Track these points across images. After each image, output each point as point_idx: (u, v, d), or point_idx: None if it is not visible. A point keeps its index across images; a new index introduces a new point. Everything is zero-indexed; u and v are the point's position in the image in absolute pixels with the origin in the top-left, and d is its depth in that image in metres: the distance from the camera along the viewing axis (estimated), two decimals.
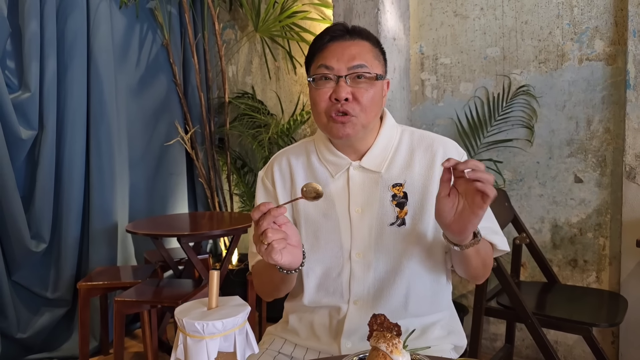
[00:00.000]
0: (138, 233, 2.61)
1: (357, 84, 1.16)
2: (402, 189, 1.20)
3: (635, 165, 2.25)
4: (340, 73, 1.16)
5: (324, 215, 1.24)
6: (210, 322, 0.72)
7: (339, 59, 1.16)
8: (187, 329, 0.72)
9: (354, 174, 1.23)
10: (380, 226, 1.20)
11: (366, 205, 1.21)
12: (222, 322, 0.72)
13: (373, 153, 1.23)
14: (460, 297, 2.85)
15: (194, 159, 3.60)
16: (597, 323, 1.94)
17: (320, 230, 1.24)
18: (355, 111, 1.16)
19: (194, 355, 0.72)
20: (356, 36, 1.20)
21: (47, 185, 2.91)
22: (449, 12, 2.73)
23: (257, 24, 3.39)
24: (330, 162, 1.26)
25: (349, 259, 1.22)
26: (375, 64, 1.19)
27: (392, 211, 1.20)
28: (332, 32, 1.20)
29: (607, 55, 2.34)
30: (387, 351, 0.82)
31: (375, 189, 1.21)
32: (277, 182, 1.30)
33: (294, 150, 1.33)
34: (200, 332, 0.72)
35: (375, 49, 1.21)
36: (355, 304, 1.22)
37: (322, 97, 1.17)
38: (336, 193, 1.24)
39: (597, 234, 2.44)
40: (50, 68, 2.88)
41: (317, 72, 1.18)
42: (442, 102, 2.80)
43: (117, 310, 2.39)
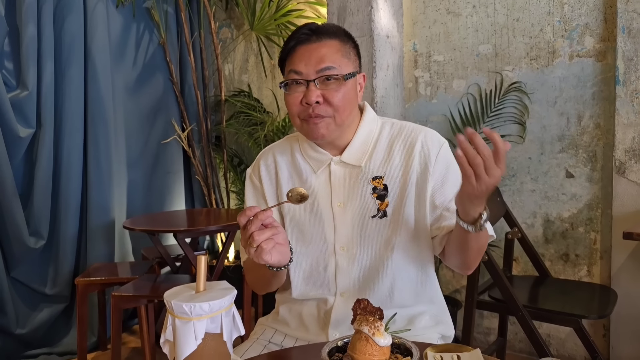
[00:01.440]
0: (135, 229, 2.64)
1: (326, 86, 1.17)
2: (382, 181, 1.23)
3: (625, 160, 2.28)
4: (309, 77, 1.17)
5: (308, 210, 1.27)
6: (197, 304, 0.74)
7: (307, 63, 1.17)
8: (176, 311, 0.75)
9: (335, 169, 1.26)
10: (362, 219, 1.23)
11: (348, 200, 1.24)
12: (209, 304, 0.75)
13: (353, 147, 1.25)
14: (454, 292, 2.88)
15: (190, 156, 3.63)
16: (587, 315, 1.97)
17: (304, 225, 1.27)
18: (328, 112, 1.18)
19: (182, 336, 0.74)
20: (323, 36, 1.19)
21: (45, 183, 2.94)
22: (441, 10, 2.76)
23: (253, 22, 3.42)
24: (312, 158, 1.28)
25: (334, 253, 1.25)
26: (344, 63, 1.19)
27: (373, 204, 1.22)
28: (298, 36, 1.20)
29: (597, 51, 2.37)
30: (369, 333, 0.85)
31: (356, 183, 1.24)
32: (263, 178, 1.33)
33: (279, 147, 1.36)
34: (188, 313, 0.74)
35: (344, 46, 1.22)
36: (342, 295, 1.25)
37: (294, 101, 1.19)
38: (319, 188, 1.27)
39: (588, 228, 2.47)
40: (48, 67, 2.91)
41: (288, 77, 1.20)
42: (436, 99, 2.83)
43: (115, 305, 2.42)
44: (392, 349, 0.89)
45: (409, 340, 0.91)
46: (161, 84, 3.56)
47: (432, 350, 0.99)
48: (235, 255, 3.59)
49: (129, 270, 2.81)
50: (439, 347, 1.00)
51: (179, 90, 3.63)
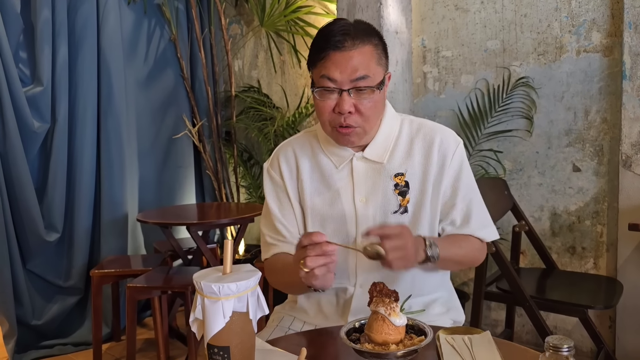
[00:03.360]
0: (148, 222, 2.70)
1: (359, 96, 1.18)
2: (404, 178, 1.27)
3: (631, 154, 2.31)
4: (342, 86, 1.17)
5: (330, 206, 1.30)
6: (225, 284, 0.79)
7: (342, 71, 1.16)
8: (205, 291, 0.80)
9: (358, 165, 1.29)
10: (384, 215, 1.26)
11: (370, 195, 1.27)
12: (236, 285, 0.80)
13: (375, 144, 1.28)
14: (462, 285, 2.92)
15: (201, 151, 3.68)
16: (593, 305, 2.01)
17: (326, 220, 1.30)
18: (358, 122, 1.20)
19: (211, 315, 0.79)
20: (358, 41, 1.16)
21: (60, 177, 3.00)
22: (450, 6, 2.80)
23: (263, 18, 3.46)
24: (334, 154, 1.31)
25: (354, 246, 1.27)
26: (377, 71, 1.19)
27: (395, 200, 1.26)
28: (333, 42, 1.16)
29: (603, 47, 2.40)
30: (385, 314, 0.89)
31: (378, 179, 1.27)
32: (284, 173, 1.34)
33: (298, 141, 1.38)
34: (217, 293, 0.79)
35: (377, 50, 1.20)
36: (362, 287, 1.28)
37: (326, 109, 1.20)
38: (341, 184, 1.30)
39: (594, 221, 2.50)
40: (61, 63, 2.96)
41: (320, 84, 1.19)
42: (444, 94, 2.87)
43: (130, 296, 2.47)
44: (407, 330, 0.93)
45: (423, 322, 0.95)
46: (172, 79, 3.61)
47: (444, 332, 1.04)
48: (245, 249, 3.64)
49: (141, 262, 2.86)
50: (451, 330, 1.05)
51: (190, 85, 3.68)
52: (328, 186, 1.31)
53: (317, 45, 1.20)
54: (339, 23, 1.20)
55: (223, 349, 0.80)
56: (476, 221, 1.28)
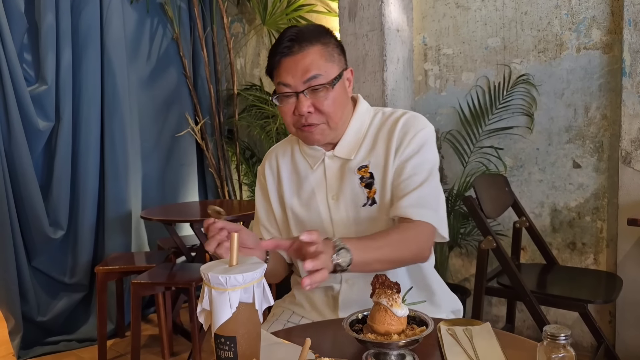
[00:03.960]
0: (152, 219, 2.72)
1: (316, 95, 1.21)
2: (368, 169, 1.28)
3: (631, 150, 2.33)
4: (297, 89, 1.21)
5: (307, 206, 1.34)
6: (232, 275, 0.81)
7: (293, 75, 1.20)
8: (212, 282, 0.81)
9: (329, 164, 1.32)
10: (355, 209, 1.29)
11: (340, 192, 1.30)
12: (243, 276, 0.81)
13: (344, 141, 1.31)
14: (463, 281, 2.94)
15: (204, 149, 3.71)
16: (592, 300, 2.03)
17: (304, 221, 1.34)
18: (320, 120, 1.23)
19: (218, 305, 0.81)
20: (305, 44, 1.21)
21: (64, 175, 3.03)
22: (451, 4, 2.81)
23: (265, 17, 3.48)
24: (309, 155, 1.35)
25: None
26: (329, 67, 1.22)
27: (362, 193, 1.28)
28: (281, 49, 1.22)
29: (603, 44, 2.42)
30: (387, 305, 0.92)
31: (345, 175, 1.30)
32: (267, 178, 1.41)
33: (281, 148, 1.43)
34: (224, 284, 0.81)
35: (327, 49, 1.23)
36: (347, 282, 1.31)
37: (287, 113, 1.24)
38: (315, 184, 1.33)
39: (594, 217, 2.52)
40: (66, 61, 2.99)
41: (278, 91, 1.24)
42: (445, 91, 2.89)
43: (134, 292, 2.50)
44: (409, 321, 0.96)
45: (425, 313, 0.98)
46: (175, 78, 3.64)
47: (445, 324, 1.06)
48: None
49: (145, 259, 2.89)
50: (451, 322, 1.08)
51: (192, 84, 3.70)
52: (304, 187, 1.35)
53: (270, 56, 1.25)
54: (288, 32, 1.24)
55: (230, 338, 0.82)
56: (411, 200, 1.20)
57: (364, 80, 2.76)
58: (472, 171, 2.74)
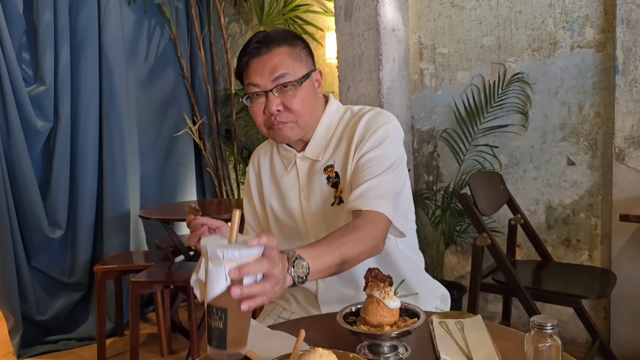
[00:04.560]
0: (151, 218, 2.74)
1: (284, 94, 1.23)
2: (333, 169, 1.30)
3: (624, 147, 2.36)
4: (266, 88, 1.23)
5: (282, 207, 1.37)
6: (230, 250, 0.81)
7: (262, 75, 1.22)
8: (210, 255, 0.81)
9: (300, 165, 1.34)
10: (325, 209, 1.31)
11: (310, 193, 1.32)
12: (240, 252, 0.81)
13: (313, 142, 1.32)
14: (459, 278, 2.96)
15: (201, 149, 3.73)
16: (586, 295, 2.05)
17: (281, 221, 1.38)
18: (289, 118, 1.24)
19: (213, 277, 0.81)
20: (272, 45, 1.23)
21: (63, 175, 3.05)
22: (446, 3, 2.84)
23: (262, 17, 3.50)
24: (284, 156, 1.37)
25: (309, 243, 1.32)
26: (297, 67, 1.24)
27: (330, 192, 1.30)
28: (249, 50, 1.24)
29: (597, 42, 2.44)
30: (380, 297, 0.94)
31: (314, 176, 1.32)
32: (251, 179, 1.45)
33: (263, 148, 1.46)
34: (221, 258, 0.81)
35: (294, 50, 1.25)
36: (324, 281, 1.33)
37: (258, 112, 1.26)
38: (289, 185, 1.36)
39: (589, 214, 2.55)
40: (64, 62, 3.01)
41: (248, 91, 1.26)
42: (441, 90, 2.91)
43: (133, 291, 2.52)
44: (401, 313, 0.98)
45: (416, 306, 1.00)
46: (172, 78, 3.66)
47: (437, 317, 1.09)
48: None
49: (144, 258, 2.91)
50: (443, 314, 1.10)
51: (190, 84, 3.72)
52: (280, 187, 1.38)
53: (239, 60, 1.27)
54: (255, 36, 1.27)
55: (222, 310, 0.83)
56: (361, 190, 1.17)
57: (360, 80, 2.78)
58: (468, 169, 2.77)
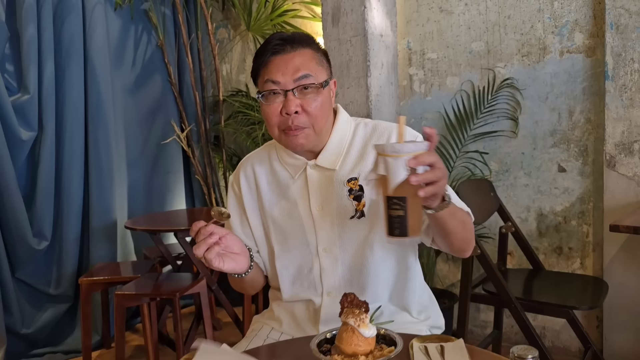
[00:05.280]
0: (136, 229, 2.70)
1: (304, 95, 1.20)
2: (357, 182, 1.26)
3: (615, 154, 2.32)
4: (286, 87, 1.19)
5: (288, 216, 1.31)
6: (406, 145, 0.92)
7: (284, 73, 1.19)
8: (389, 151, 0.92)
9: (311, 173, 1.29)
10: (341, 221, 1.27)
11: (325, 203, 1.28)
12: (415, 145, 0.92)
13: (327, 151, 1.28)
14: (451, 286, 2.92)
15: (190, 156, 3.68)
16: (578, 306, 2.01)
17: (286, 231, 1.32)
18: (306, 122, 1.21)
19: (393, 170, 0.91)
20: (297, 45, 1.21)
21: (48, 185, 3.00)
22: (434, 8, 2.80)
23: (249, 23, 3.46)
24: (289, 164, 1.31)
25: (317, 255, 1.29)
26: (319, 71, 1.22)
27: (351, 205, 1.26)
28: (272, 47, 1.21)
29: (586, 47, 2.41)
30: (354, 325, 0.90)
31: (332, 186, 1.27)
32: (243, 188, 1.36)
33: (257, 156, 1.39)
34: (399, 151, 0.91)
35: (317, 54, 1.24)
36: (329, 295, 1.29)
37: (273, 112, 1.21)
38: (297, 194, 1.30)
39: (580, 221, 2.51)
40: (49, 70, 2.96)
41: (265, 88, 1.21)
42: (430, 96, 2.88)
43: (118, 304, 2.47)
44: (378, 340, 0.94)
45: (394, 332, 0.96)
46: (160, 85, 3.61)
47: (418, 340, 1.05)
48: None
49: (131, 269, 2.86)
50: (424, 338, 1.06)
51: (178, 91, 3.68)
52: (286, 197, 1.32)
53: (258, 55, 1.24)
54: (277, 34, 1.25)
55: (401, 199, 0.92)
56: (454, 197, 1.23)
57: (348, 86, 2.74)
58: (458, 176, 2.73)
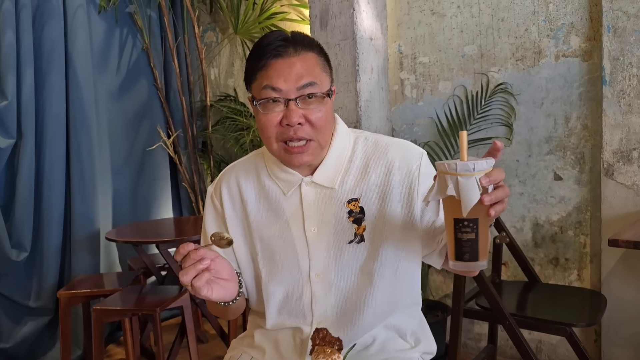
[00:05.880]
0: (117, 240, 2.60)
1: (308, 105, 1.07)
2: (358, 203, 1.14)
3: (613, 162, 2.23)
4: (289, 95, 1.06)
5: (279, 237, 1.18)
6: (478, 161, 0.85)
7: (286, 79, 1.05)
8: (460, 169, 0.84)
9: (307, 191, 1.16)
10: (338, 245, 1.15)
11: (322, 224, 1.15)
12: (486, 161, 0.86)
13: (325, 166, 1.15)
14: (444, 297, 2.83)
15: (177, 163, 3.58)
16: (575, 323, 1.92)
17: (276, 253, 1.18)
18: (310, 134, 1.08)
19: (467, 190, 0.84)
20: (300, 47, 1.08)
21: (27, 194, 2.89)
22: (426, 11, 2.71)
23: (237, 26, 3.37)
24: (281, 179, 1.18)
25: (309, 281, 1.17)
26: (324, 78, 1.10)
27: (350, 228, 1.14)
28: (274, 47, 1.06)
29: (583, 51, 2.32)
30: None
31: (330, 206, 1.15)
32: (225, 203, 1.22)
33: (242, 167, 1.25)
34: (472, 169, 0.84)
35: (321, 59, 1.12)
36: (319, 325, 1.17)
37: (272, 122, 1.07)
38: (290, 212, 1.17)
39: (577, 231, 2.42)
40: (28, 75, 2.86)
41: (263, 95, 1.07)
42: (422, 101, 2.78)
43: (96, 320, 2.37)
44: None
45: None
46: (145, 90, 3.51)
47: None
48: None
49: (113, 281, 2.76)
50: None
51: (164, 96, 3.58)
52: (276, 215, 1.18)
53: (255, 56, 1.08)
54: (276, 33, 1.09)
55: (473, 220, 0.87)
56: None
57: (337, 92, 2.65)
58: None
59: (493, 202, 0.85)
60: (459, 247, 0.88)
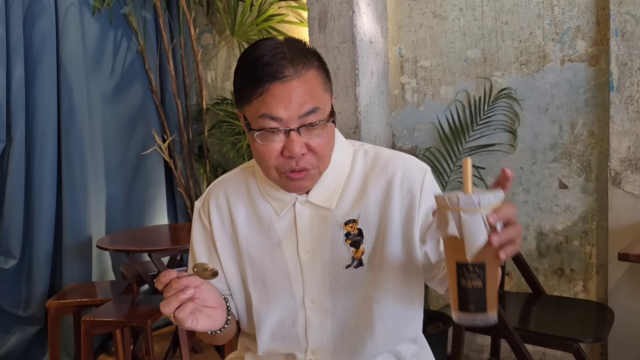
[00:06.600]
0: (108, 249, 2.53)
1: (310, 132, 0.97)
2: (356, 225, 1.06)
3: (621, 170, 2.16)
4: (290, 125, 0.95)
5: (270, 260, 1.09)
6: (484, 194, 0.72)
7: (287, 107, 0.94)
8: (462, 204, 0.72)
9: (301, 211, 1.07)
10: (335, 270, 1.06)
11: (317, 247, 1.07)
12: (494, 194, 0.72)
13: (322, 186, 1.07)
14: (445, 307, 2.75)
15: (172, 168, 3.50)
16: (582, 339, 1.85)
17: (267, 277, 1.10)
18: (312, 163, 0.99)
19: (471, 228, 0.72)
20: (300, 66, 0.95)
21: (17, 199, 2.81)
22: (427, 13, 2.64)
23: (234, 28, 3.30)
24: (275, 198, 1.09)
25: (303, 307, 1.08)
26: (326, 100, 0.99)
27: (347, 252, 1.05)
28: (270, 71, 0.93)
29: (589, 55, 2.25)
30: None
31: (326, 228, 1.06)
32: (213, 220, 1.13)
33: (232, 183, 1.15)
34: (476, 204, 0.72)
35: (321, 74, 0.99)
36: (314, 354, 1.10)
37: (272, 153, 0.97)
38: (283, 234, 1.08)
39: (583, 241, 2.35)
40: (17, 77, 2.78)
41: (261, 126, 0.96)
42: (423, 106, 2.71)
43: (86, 331, 2.29)
44: None
45: None
46: (140, 93, 3.44)
47: None
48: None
49: (105, 290, 2.68)
50: None
51: (159, 99, 3.51)
52: (268, 236, 1.10)
53: (249, 76, 0.95)
54: (269, 45, 0.96)
55: (479, 265, 0.73)
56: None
57: (336, 96, 2.57)
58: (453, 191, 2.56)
59: (503, 243, 0.73)
60: (463, 296, 0.75)
